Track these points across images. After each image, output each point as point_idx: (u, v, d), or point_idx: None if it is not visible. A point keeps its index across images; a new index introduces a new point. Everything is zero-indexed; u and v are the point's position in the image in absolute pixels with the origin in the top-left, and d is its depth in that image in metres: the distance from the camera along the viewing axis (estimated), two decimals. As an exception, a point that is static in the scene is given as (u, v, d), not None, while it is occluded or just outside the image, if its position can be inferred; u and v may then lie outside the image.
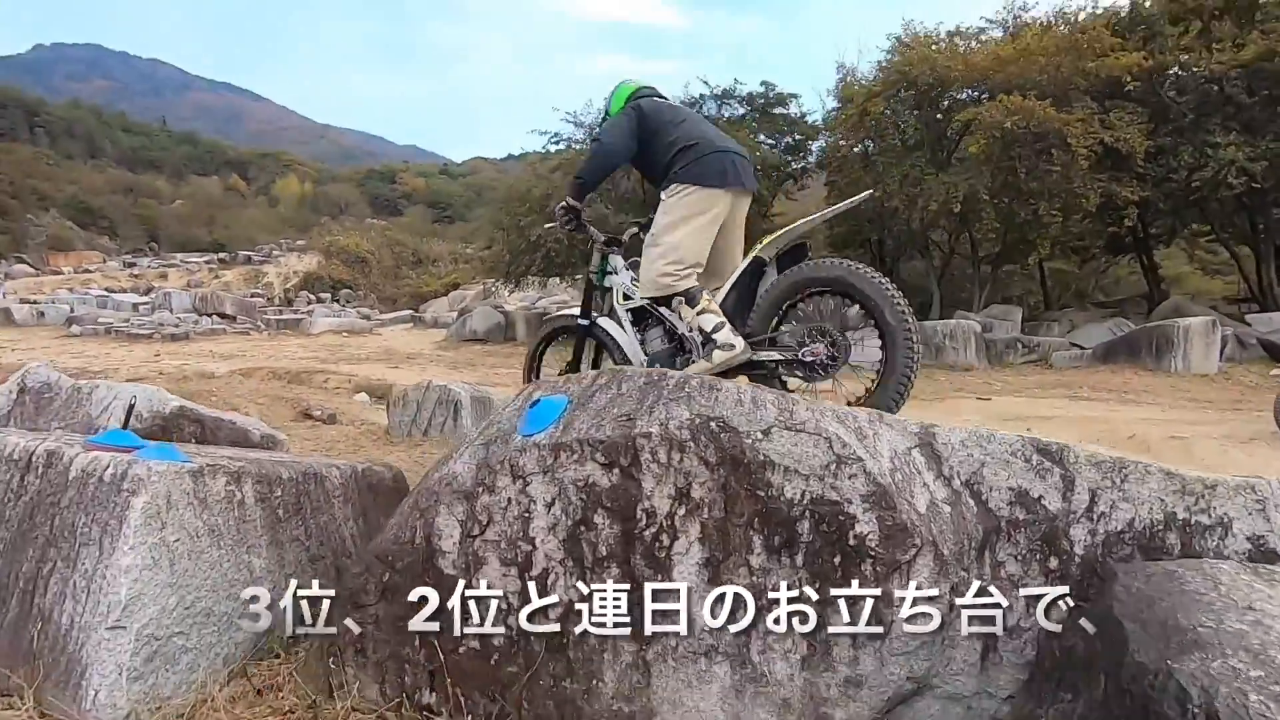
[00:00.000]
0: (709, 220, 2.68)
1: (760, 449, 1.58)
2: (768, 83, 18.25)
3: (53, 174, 60.17)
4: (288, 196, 77.66)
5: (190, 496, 1.83)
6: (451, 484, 1.79)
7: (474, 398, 5.39)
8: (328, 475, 2.60)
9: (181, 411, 3.44)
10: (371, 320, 25.29)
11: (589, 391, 1.85)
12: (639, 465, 1.60)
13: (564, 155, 17.82)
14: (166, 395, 3.44)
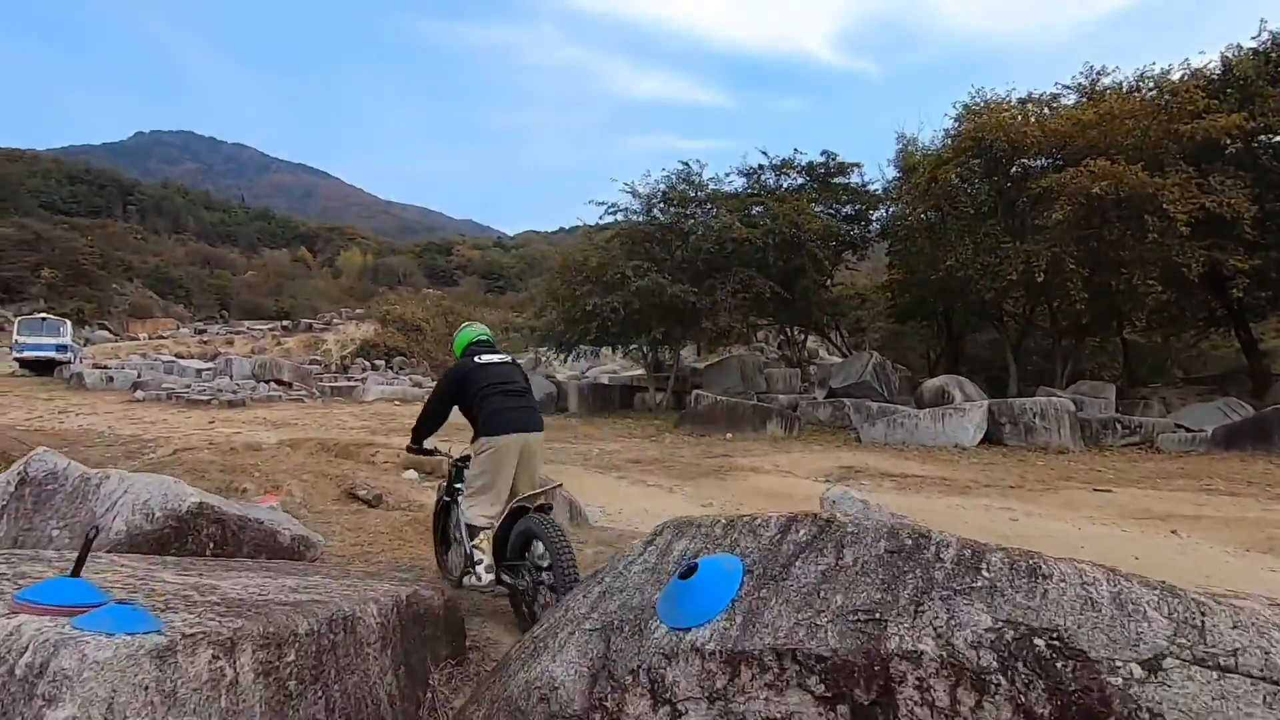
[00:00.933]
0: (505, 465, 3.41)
1: (1141, 699, 0.82)
2: (829, 152, 18.00)
3: (139, 247, 64.30)
4: (350, 268, 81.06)
5: (150, 692, 1.20)
6: (548, 701, 1.11)
7: (534, 486, 4.75)
8: (362, 616, 1.96)
9: (200, 510, 2.90)
10: (424, 387, 25.29)
11: (782, 553, 1.18)
12: (895, 710, 0.88)
13: (620, 225, 17.72)
14: (185, 490, 2.91)
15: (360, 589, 2.27)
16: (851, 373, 15.88)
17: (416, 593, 2.45)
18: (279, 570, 2.37)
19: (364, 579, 2.50)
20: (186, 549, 2.86)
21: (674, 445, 11.88)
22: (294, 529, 3.20)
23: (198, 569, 2.08)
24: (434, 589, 2.55)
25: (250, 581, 2.04)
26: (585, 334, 16.75)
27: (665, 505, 7.39)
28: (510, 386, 3.57)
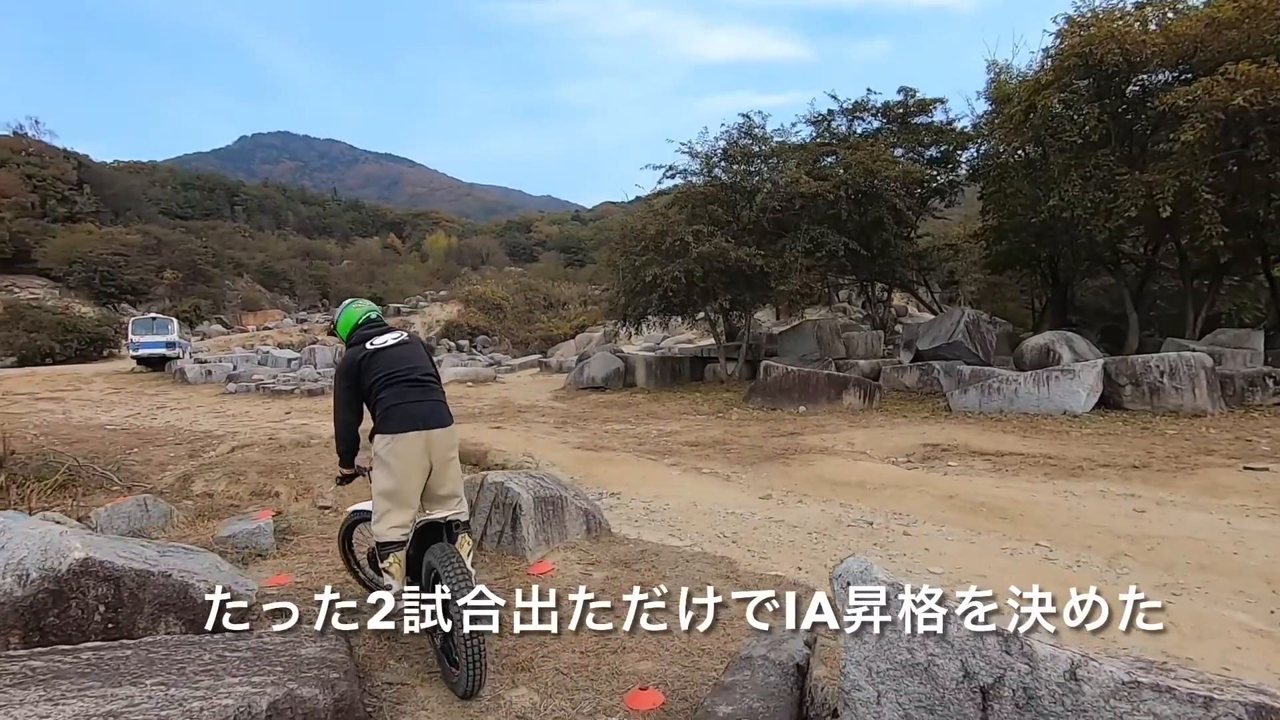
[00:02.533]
0: (411, 468, 2.94)
1: None
2: (907, 89, 16.22)
3: (247, 244, 68.74)
4: (436, 250, 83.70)
5: None
6: None
7: (539, 499, 4.15)
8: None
9: (85, 568, 2.45)
10: (502, 366, 25.47)
11: None
12: None
13: (679, 188, 16.73)
14: (69, 544, 2.46)
15: (191, 702, 1.71)
16: (941, 332, 14.39)
17: (291, 694, 1.87)
18: (98, 677, 1.85)
19: (226, 673, 1.95)
20: (69, 615, 2.43)
21: (740, 422, 11.07)
22: (213, 579, 2.72)
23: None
24: (319, 681, 1.97)
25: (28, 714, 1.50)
26: (647, 305, 16.02)
27: (718, 498, 6.67)
28: (410, 374, 3.05)
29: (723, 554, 4.57)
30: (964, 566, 4.63)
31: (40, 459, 6.86)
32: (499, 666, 2.78)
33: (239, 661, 2.09)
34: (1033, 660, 1.59)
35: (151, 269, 50.53)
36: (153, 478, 7.76)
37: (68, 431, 11.25)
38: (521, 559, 3.99)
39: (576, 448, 9.05)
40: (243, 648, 2.25)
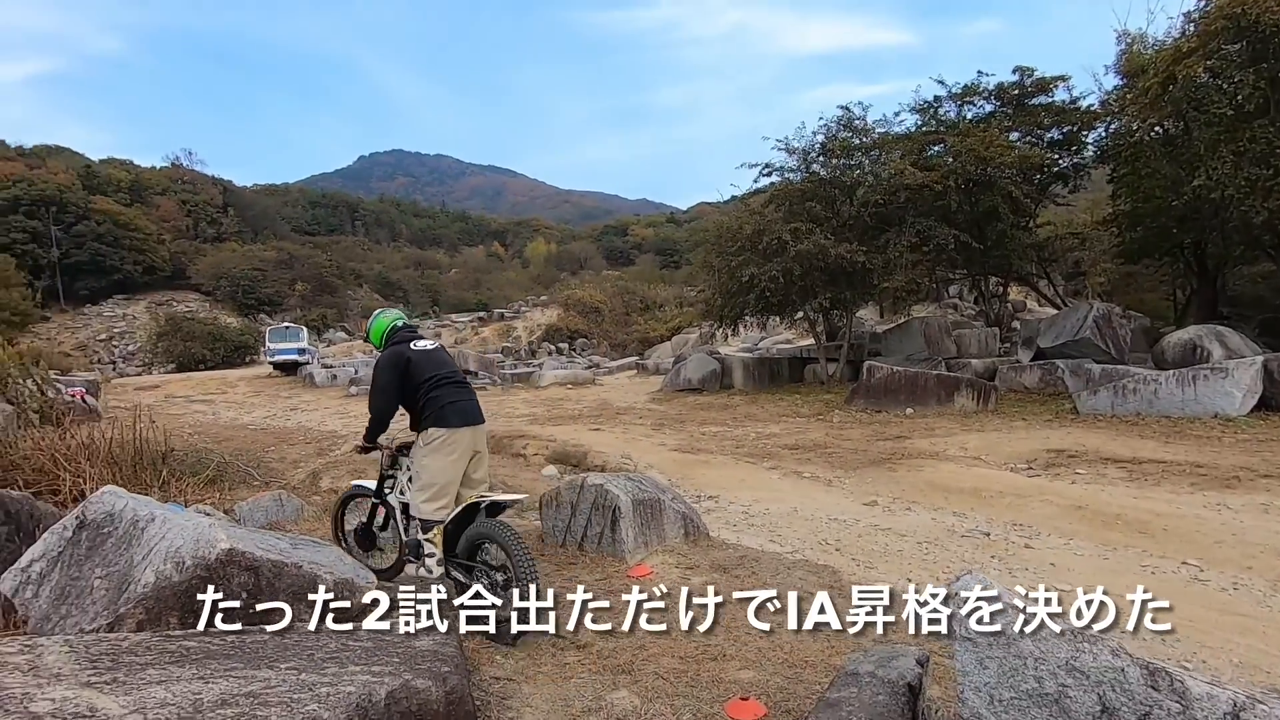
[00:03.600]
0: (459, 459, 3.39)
1: None
2: (1024, 68, 15.12)
3: (365, 257, 73.84)
4: (536, 257, 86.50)
5: None
6: None
7: (638, 502, 4.18)
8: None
9: (230, 558, 2.69)
10: (601, 368, 25.97)
11: None
12: None
13: (776, 186, 16.39)
14: (216, 535, 2.72)
15: (320, 687, 1.84)
16: (1066, 327, 13.29)
17: (406, 685, 1.97)
18: (240, 659, 2.02)
19: (350, 662, 2.09)
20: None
21: (842, 425, 10.70)
22: (339, 571, 2.92)
23: (118, 672, 1.76)
24: (432, 674, 2.07)
25: (169, 695, 1.67)
26: (744, 306, 15.80)
27: (820, 503, 6.47)
28: (454, 377, 3.48)
29: (825, 562, 4.42)
30: (1096, 586, 4.24)
31: (194, 455, 7.64)
32: (600, 668, 2.82)
33: (361, 651, 2.22)
34: (1185, 698, 1.42)
35: (285, 282, 55.28)
36: (287, 474, 8.46)
37: (216, 431, 12.48)
38: (621, 561, 4.03)
39: (674, 450, 9.06)
40: (364, 638, 2.40)
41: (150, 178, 63.81)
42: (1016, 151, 14.26)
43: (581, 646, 3.02)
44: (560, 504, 4.36)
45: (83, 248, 48.25)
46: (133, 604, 2.54)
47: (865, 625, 3.22)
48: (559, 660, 2.90)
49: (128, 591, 2.57)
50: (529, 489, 7.03)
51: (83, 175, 55.54)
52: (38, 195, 48.05)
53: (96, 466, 5.91)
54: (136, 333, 46.22)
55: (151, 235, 52.92)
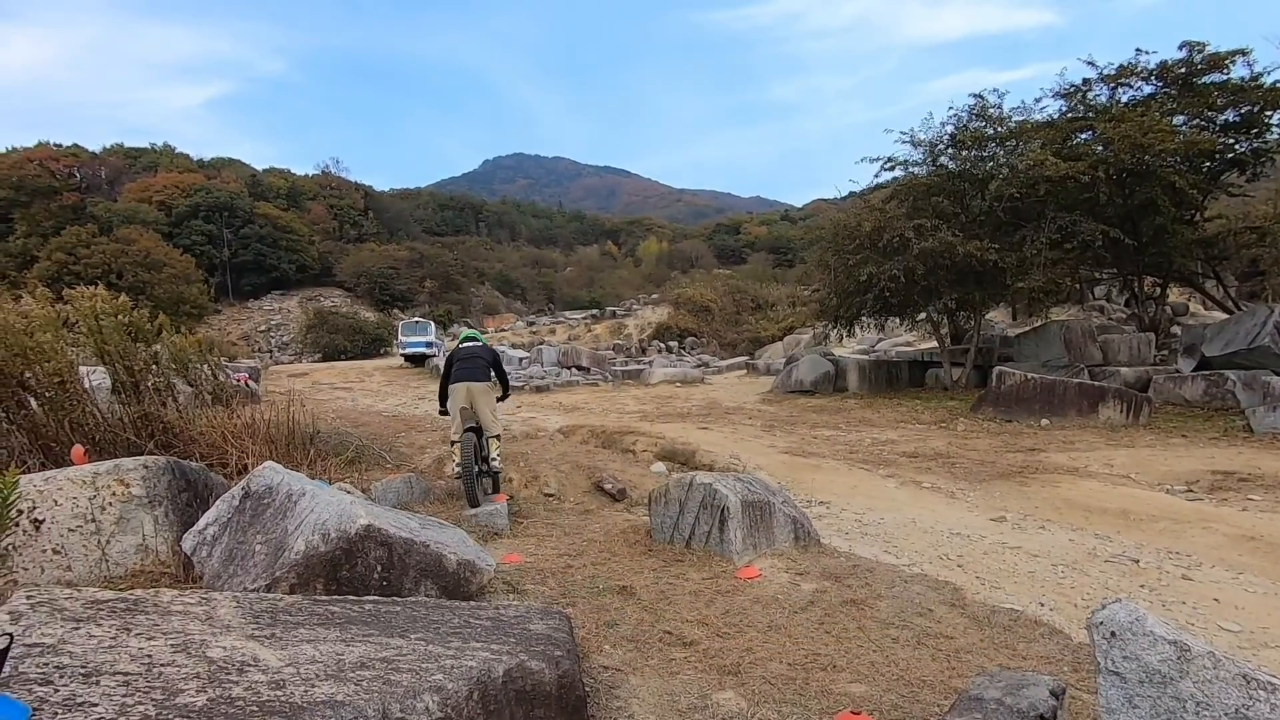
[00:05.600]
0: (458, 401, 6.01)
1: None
2: (1192, 43, 13.50)
3: (488, 256, 77.65)
4: (648, 256, 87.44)
5: None
6: None
7: (747, 503, 4.13)
8: (406, 714, 1.62)
9: (368, 533, 2.93)
10: (710, 367, 25.88)
11: None
12: None
13: (898, 181, 15.62)
14: (357, 512, 2.96)
15: (444, 659, 1.96)
16: (1239, 334, 11.76)
17: (521, 665, 2.07)
18: (376, 626, 2.19)
19: (472, 638, 2.21)
20: (355, 571, 2.92)
21: (967, 435, 10.04)
22: (461, 553, 3.10)
23: (276, 629, 1.96)
24: (545, 657, 2.15)
25: (317, 653, 1.84)
26: (861, 306, 15.18)
27: (940, 516, 6.12)
28: (467, 361, 6.06)
29: (946, 578, 4.17)
30: (1272, 627, 3.74)
31: (337, 438, 8.37)
32: (707, 667, 2.82)
33: (481, 629, 2.35)
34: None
35: (415, 279, 59.20)
36: (415, 458, 9.07)
37: (354, 416, 13.58)
38: (728, 561, 4.00)
39: (784, 453, 8.88)
40: (483, 616, 2.54)
41: (304, 185, 70.37)
42: (1181, 137, 12.76)
43: (689, 644, 3.03)
44: (668, 501, 4.39)
45: (248, 248, 54.04)
46: (286, 569, 2.82)
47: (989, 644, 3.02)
48: (666, 655, 2.92)
49: (282, 557, 2.86)
50: (638, 484, 7.14)
51: (249, 184, 62.18)
52: (213, 202, 54.34)
53: (257, 444, 6.60)
54: (289, 325, 51.21)
55: (304, 237, 58.40)
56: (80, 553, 3.46)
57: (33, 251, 45.10)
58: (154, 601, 1.97)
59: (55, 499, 3.48)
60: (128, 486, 3.65)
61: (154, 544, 3.62)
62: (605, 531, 4.91)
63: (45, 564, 3.37)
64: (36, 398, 5.77)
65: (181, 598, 2.05)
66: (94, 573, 3.45)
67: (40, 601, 1.78)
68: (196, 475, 4.15)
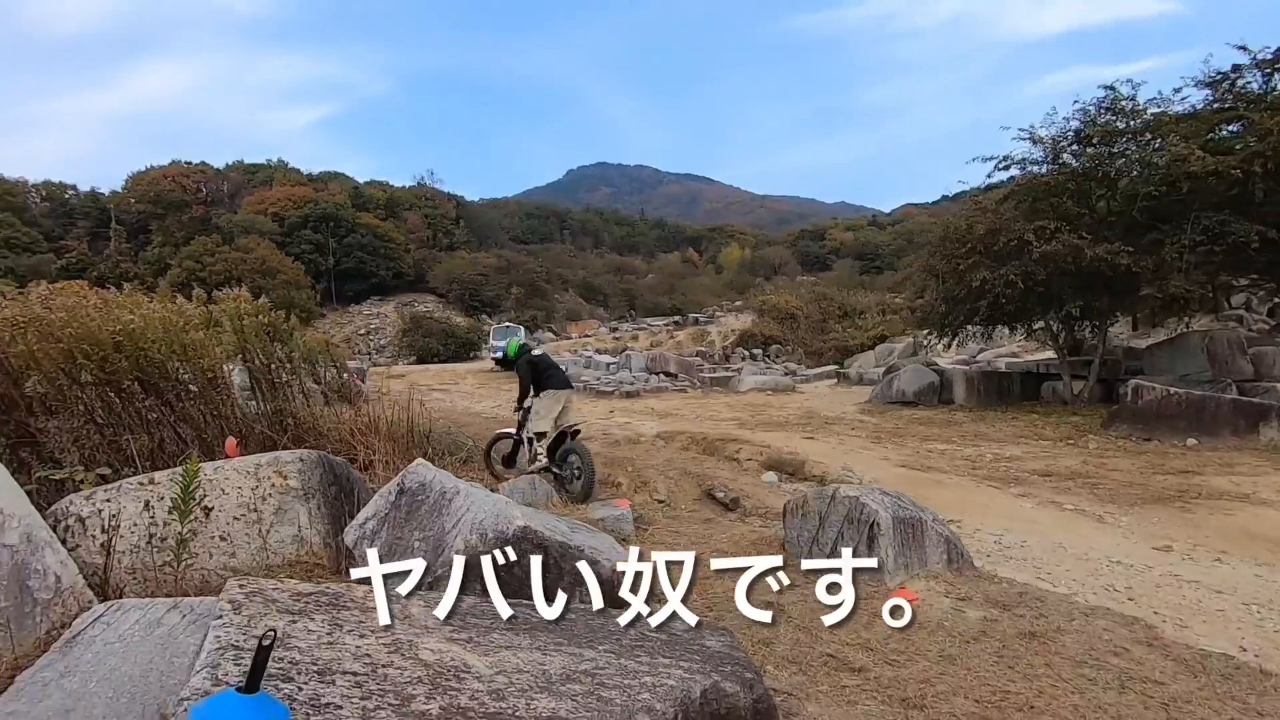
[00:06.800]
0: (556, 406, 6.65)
1: None
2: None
3: (571, 263, 79.06)
4: (730, 263, 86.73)
5: None
6: None
7: (899, 520, 3.85)
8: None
9: (524, 534, 2.87)
10: (796, 376, 25.25)
11: None
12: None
13: (1015, 181, 14.69)
14: (513, 513, 2.91)
15: (642, 675, 1.84)
16: None
17: (716, 686, 1.93)
18: (559, 634, 2.09)
19: (655, 653, 2.08)
20: (514, 574, 2.85)
21: (1102, 453, 9.24)
22: (615, 559, 3.00)
23: (470, 632, 1.89)
24: (739, 678, 1.99)
25: (520, 661, 1.76)
26: (972, 314, 14.32)
27: (1093, 542, 5.59)
28: (555, 368, 6.97)
29: (1126, 613, 3.74)
30: None
31: (449, 437, 8.56)
32: (886, 699, 2.59)
33: (659, 642, 2.22)
34: None
35: (502, 286, 61.00)
36: (519, 460, 9.19)
37: (455, 416, 13.96)
38: (878, 581, 3.73)
39: (899, 466, 8.42)
40: (650, 628, 2.40)
41: (401, 195, 73.98)
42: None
43: (857, 670, 2.80)
44: (807, 514, 4.17)
45: (350, 256, 57.25)
46: (447, 568, 2.79)
47: (1210, 694, 2.65)
48: (835, 681, 2.71)
49: (442, 556, 2.84)
50: (750, 494, 6.92)
51: (352, 195, 65.95)
52: (320, 214, 57.93)
53: (380, 440, 6.83)
54: (386, 329, 53.83)
55: (400, 245, 61.33)
56: (244, 540, 3.59)
57: (166, 259, 49.44)
58: (350, 596, 1.95)
59: (223, 488, 3.63)
60: (285, 479, 3.77)
61: (308, 535, 3.72)
62: (734, 542, 4.73)
63: (214, 549, 3.51)
64: (188, 392, 6.15)
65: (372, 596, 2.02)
66: (255, 560, 3.56)
67: (252, 592, 1.78)
68: (341, 470, 4.26)
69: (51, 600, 2.95)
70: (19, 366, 4.82)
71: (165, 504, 3.49)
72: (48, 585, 2.98)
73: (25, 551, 2.98)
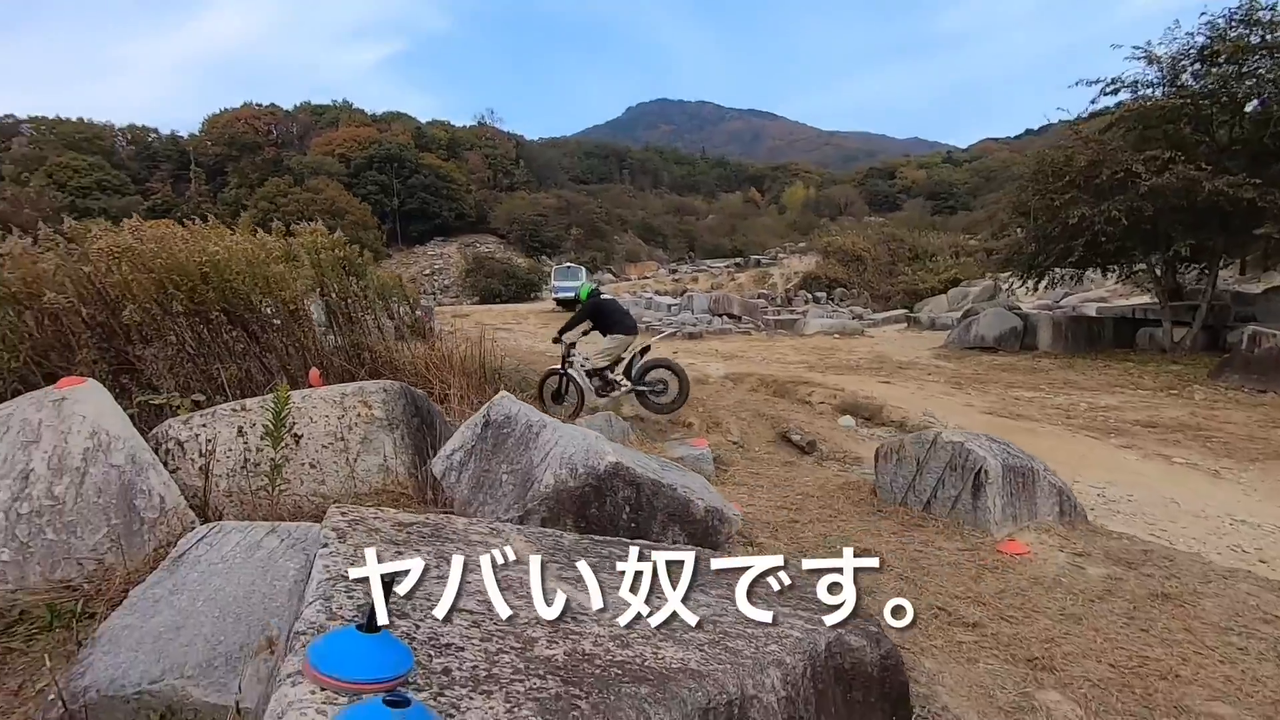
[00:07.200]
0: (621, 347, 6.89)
1: None
2: None
3: (630, 204, 77.99)
4: (794, 203, 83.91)
5: None
6: None
7: (1008, 467, 3.57)
8: (757, 694, 1.36)
9: (616, 470, 2.75)
10: (863, 320, 24.42)
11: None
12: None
13: (1123, 106, 13.33)
14: (604, 448, 2.79)
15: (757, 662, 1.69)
16: None
17: (840, 639, 1.77)
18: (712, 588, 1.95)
19: (769, 600, 1.93)
20: (604, 510, 2.76)
21: (1211, 404, 8.54)
22: (708, 499, 2.86)
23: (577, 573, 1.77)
24: (863, 632, 1.82)
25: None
26: (1066, 254, 13.29)
27: (1209, 498, 5.16)
28: (624, 314, 7.30)
29: (1270, 577, 3.39)
30: None
31: (518, 375, 8.58)
32: (1008, 658, 2.39)
33: (771, 591, 2.07)
34: None
35: (562, 226, 60.83)
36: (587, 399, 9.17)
37: (520, 354, 14.07)
38: (983, 532, 3.49)
39: (985, 413, 7.98)
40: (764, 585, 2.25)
41: (462, 135, 73.88)
42: None
43: (972, 625, 2.61)
44: (902, 459, 3.92)
45: (414, 197, 57.94)
46: (537, 501, 2.70)
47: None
48: (950, 637, 2.53)
49: (531, 490, 2.75)
50: (827, 438, 6.70)
51: (415, 136, 66.23)
52: (384, 154, 58.54)
53: (454, 376, 6.87)
54: (449, 270, 54.71)
55: (462, 186, 61.63)
56: (332, 468, 3.61)
57: (243, 200, 51.17)
58: (451, 528, 1.86)
59: (311, 416, 3.64)
60: (370, 408, 3.76)
61: (393, 465, 3.72)
62: (819, 486, 4.54)
63: (304, 476, 3.55)
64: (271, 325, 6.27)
65: (474, 526, 1.93)
66: (344, 487, 3.59)
67: (355, 520, 1.70)
68: (422, 402, 4.24)
69: (157, 520, 3.03)
70: (116, 296, 4.95)
71: (257, 430, 3.53)
72: (153, 505, 3.05)
73: (131, 472, 3.05)
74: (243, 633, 2.13)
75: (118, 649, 2.10)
